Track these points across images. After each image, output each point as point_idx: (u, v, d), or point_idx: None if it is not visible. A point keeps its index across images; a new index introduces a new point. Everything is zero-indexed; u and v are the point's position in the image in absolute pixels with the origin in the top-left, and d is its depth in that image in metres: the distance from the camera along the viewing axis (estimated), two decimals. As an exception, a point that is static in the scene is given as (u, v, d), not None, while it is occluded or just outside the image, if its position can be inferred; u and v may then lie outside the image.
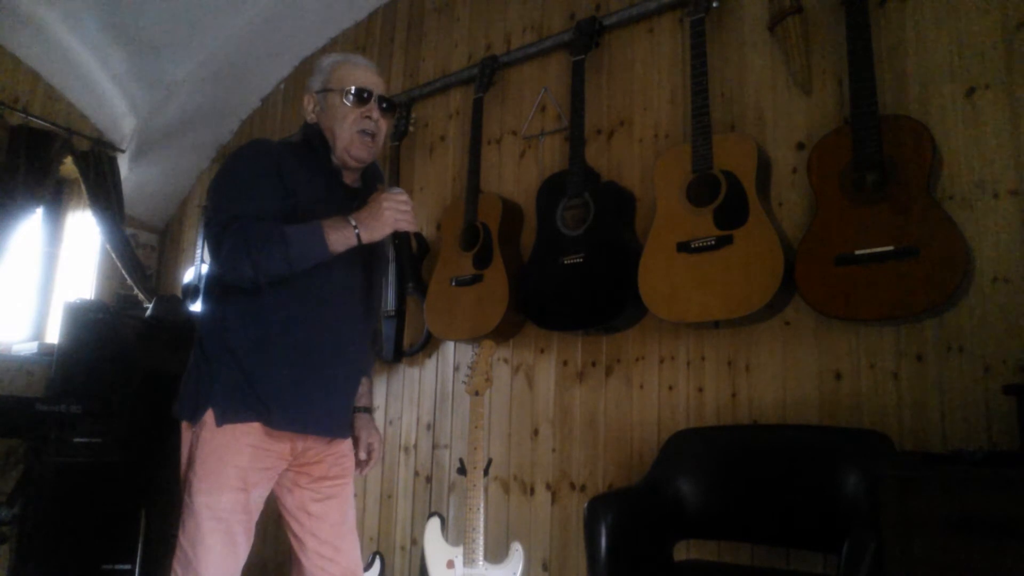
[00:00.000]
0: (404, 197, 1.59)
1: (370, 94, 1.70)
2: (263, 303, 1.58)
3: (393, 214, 1.56)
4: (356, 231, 1.54)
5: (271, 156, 1.65)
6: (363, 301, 1.74)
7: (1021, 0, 1.96)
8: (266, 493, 1.63)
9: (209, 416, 1.55)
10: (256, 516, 1.61)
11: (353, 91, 1.69)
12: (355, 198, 1.73)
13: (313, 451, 1.68)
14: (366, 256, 1.71)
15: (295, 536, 1.70)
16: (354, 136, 1.69)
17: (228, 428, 1.54)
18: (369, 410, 1.91)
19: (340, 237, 1.53)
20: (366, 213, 1.56)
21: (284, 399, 1.58)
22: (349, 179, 1.77)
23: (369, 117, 1.70)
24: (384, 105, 1.73)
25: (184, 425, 1.62)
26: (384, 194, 1.58)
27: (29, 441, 3.26)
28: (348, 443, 1.79)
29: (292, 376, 1.59)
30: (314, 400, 1.62)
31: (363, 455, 1.84)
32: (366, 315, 1.77)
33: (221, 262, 1.54)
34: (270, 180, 1.60)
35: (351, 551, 1.74)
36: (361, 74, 1.72)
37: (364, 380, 1.88)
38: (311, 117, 1.75)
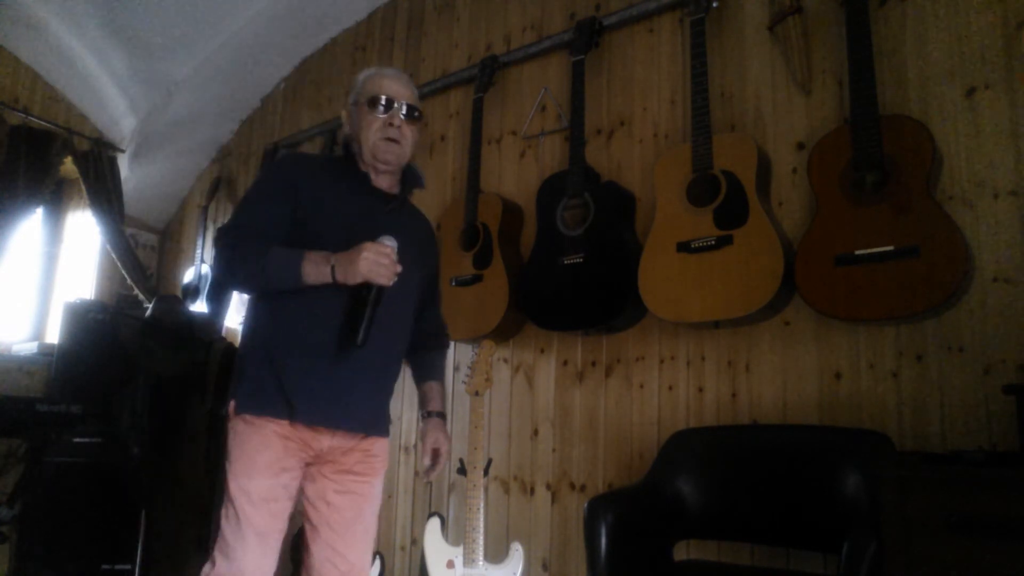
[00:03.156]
0: (388, 250, 1.61)
1: (392, 101, 1.75)
2: (292, 303, 1.64)
3: (368, 265, 1.57)
4: (333, 270, 1.58)
5: (292, 169, 1.76)
6: (396, 302, 1.72)
7: (1021, 0, 1.96)
8: (298, 482, 1.68)
9: (232, 406, 1.65)
10: (290, 504, 1.66)
11: (378, 100, 1.74)
12: (392, 201, 1.79)
13: (341, 448, 1.71)
14: (402, 258, 1.68)
15: (311, 523, 1.74)
16: (377, 142, 1.74)
17: (257, 419, 1.61)
18: (441, 415, 1.92)
19: (315, 272, 1.58)
20: (346, 255, 1.59)
21: (310, 395, 1.63)
22: (385, 184, 1.81)
23: (391, 124, 1.74)
24: (406, 112, 1.77)
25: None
26: (369, 243, 1.60)
27: (29, 441, 3.26)
28: (383, 444, 1.80)
29: (311, 371, 1.63)
30: (340, 397, 1.66)
31: (427, 461, 1.87)
32: (398, 316, 1.77)
33: (213, 266, 1.70)
34: (281, 194, 1.70)
35: (360, 551, 1.75)
36: (387, 83, 1.78)
37: (434, 384, 1.93)
38: (346, 129, 1.84)
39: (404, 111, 1.76)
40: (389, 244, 1.63)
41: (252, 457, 1.60)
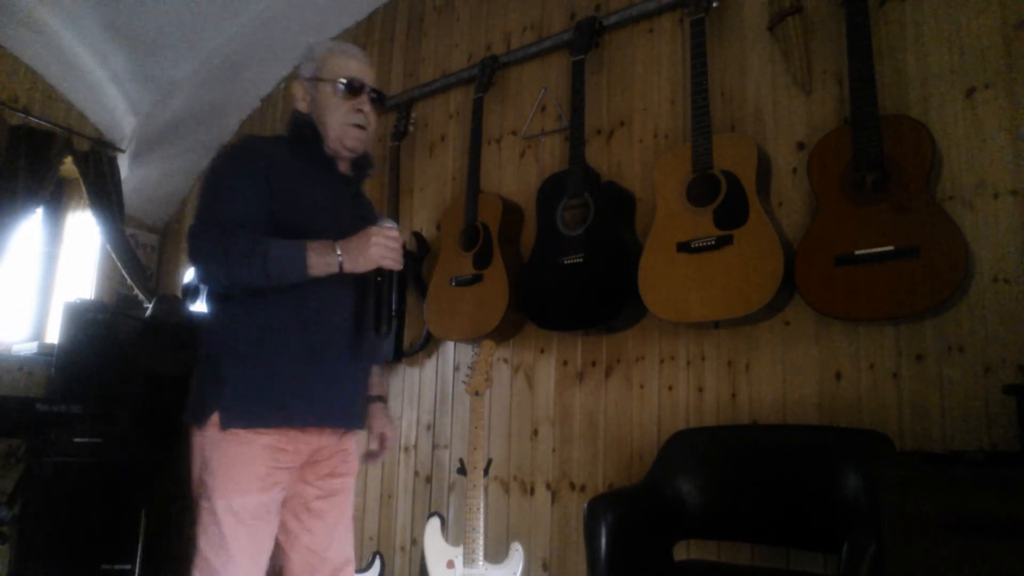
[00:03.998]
0: (395, 233, 1.57)
1: (362, 86, 1.70)
2: (271, 301, 1.55)
3: (379, 250, 1.53)
4: (340, 260, 1.52)
5: (260, 155, 1.63)
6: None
7: (1021, 0, 1.96)
8: (284, 494, 1.60)
9: (215, 419, 1.51)
10: (278, 519, 1.59)
11: (345, 83, 1.68)
12: (349, 184, 1.76)
13: (327, 448, 1.66)
14: None
15: (287, 531, 1.65)
16: (346, 128, 1.68)
17: (245, 432, 1.51)
18: (383, 399, 1.89)
19: (322, 263, 1.51)
20: (353, 243, 1.53)
21: (301, 394, 1.56)
22: (344, 168, 1.76)
23: (360, 110, 1.69)
24: (375, 97, 1.72)
25: (192, 429, 1.57)
26: (375, 228, 1.56)
27: (29, 441, 3.26)
28: (356, 441, 1.78)
29: (306, 371, 1.57)
30: (329, 394, 1.61)
31: (374, 445, 1.83)
32: None
33: (198, 266, 1.54)
34: (256, 182, 1.57)
35: (342, 549, 1.71)
36: (354, 65, 1.71)
37: (375, 369, 1.85)
38: (301, 106, 1.72)
39: (371, 95, 1.71)
40: (392, 227, 1.59)
41: (240, 472, 1.49)
